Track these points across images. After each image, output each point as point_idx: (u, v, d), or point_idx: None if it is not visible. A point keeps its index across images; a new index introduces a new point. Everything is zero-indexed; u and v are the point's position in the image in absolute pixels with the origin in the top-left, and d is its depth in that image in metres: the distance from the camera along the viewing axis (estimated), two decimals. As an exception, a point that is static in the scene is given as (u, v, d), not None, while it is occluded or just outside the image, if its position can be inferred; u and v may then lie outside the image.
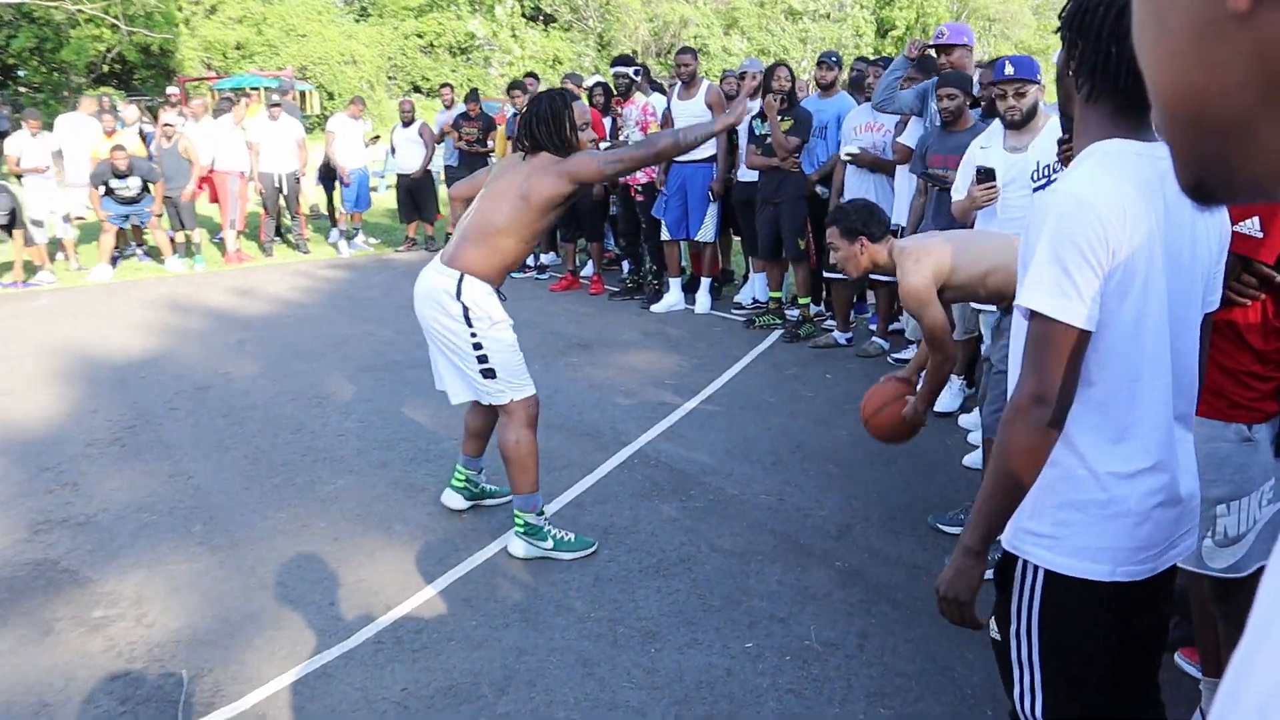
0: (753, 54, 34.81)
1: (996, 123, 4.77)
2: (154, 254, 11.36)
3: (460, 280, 3.84)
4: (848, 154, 6.70)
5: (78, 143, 10.98)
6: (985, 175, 4.56)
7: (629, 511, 4.42)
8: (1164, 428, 1.77)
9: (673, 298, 8.48)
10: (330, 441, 5.34)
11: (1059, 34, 1.76)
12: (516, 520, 4.00)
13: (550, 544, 3.99)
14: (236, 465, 5.01)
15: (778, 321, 7.73)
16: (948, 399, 5.73)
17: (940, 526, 4.18)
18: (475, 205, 3.97)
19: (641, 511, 4.42)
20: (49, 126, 10.97)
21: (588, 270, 9.70)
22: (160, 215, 10.54)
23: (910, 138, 6.37)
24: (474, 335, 3.86)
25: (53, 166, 10.54)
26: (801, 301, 7.51)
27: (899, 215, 6.41)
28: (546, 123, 3.85)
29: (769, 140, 7.22)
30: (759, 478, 4.78)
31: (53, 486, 4.77)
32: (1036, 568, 1.81)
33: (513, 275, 9.80)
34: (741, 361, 6.84)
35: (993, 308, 4.12)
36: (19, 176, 10.53)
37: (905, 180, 6.36)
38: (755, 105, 7.44)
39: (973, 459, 4.87)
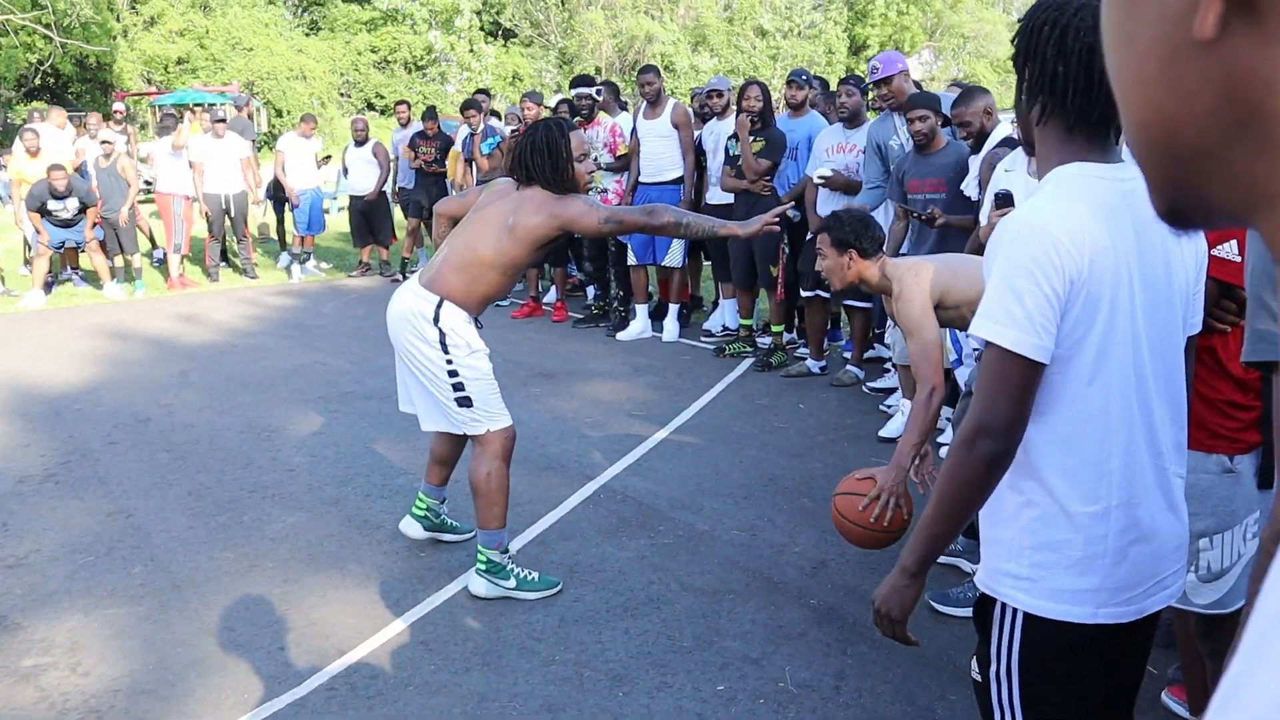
0: (721, 72, 35.16)
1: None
2: (91, 279, 11.27)
3: (439, 305, 3.84)
4: (820, 177, 6.78)
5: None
6: (1004, 200, 4.67)
7: (595, 549, 4.42)
8: (1137, 462, 1.78)
9: (639, 325, 8.52)
10: (280, 477, 5.31)
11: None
12: (479, 557, 3.99)
13: (513, 583, 3.98)
14: (180, 502, 4.97)
15: (749, 349, 7.78)
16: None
17: (935, 605, 3.86)
18: (460, 229, 3.98)
19: (608, 548, 4.42)
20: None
21: (550, 296, 9.73)
22: (94, 239, 10.44)
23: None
24: (450, 362, 3.87)
25: None
26: (774, 329, 7.57)
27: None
28: (542, 154, 3.84)
29: (740, 161, 7.31)
30: (730, 512, 4.80)
31: (-18, 526, 4.71)
32: (1015, 610, 1.83)
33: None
34: (711, 391, 6.88)
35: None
36: None
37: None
38: (730, 125, 7.52)
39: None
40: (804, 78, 7.60)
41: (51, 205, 10.09)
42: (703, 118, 8.38)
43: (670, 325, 8.46)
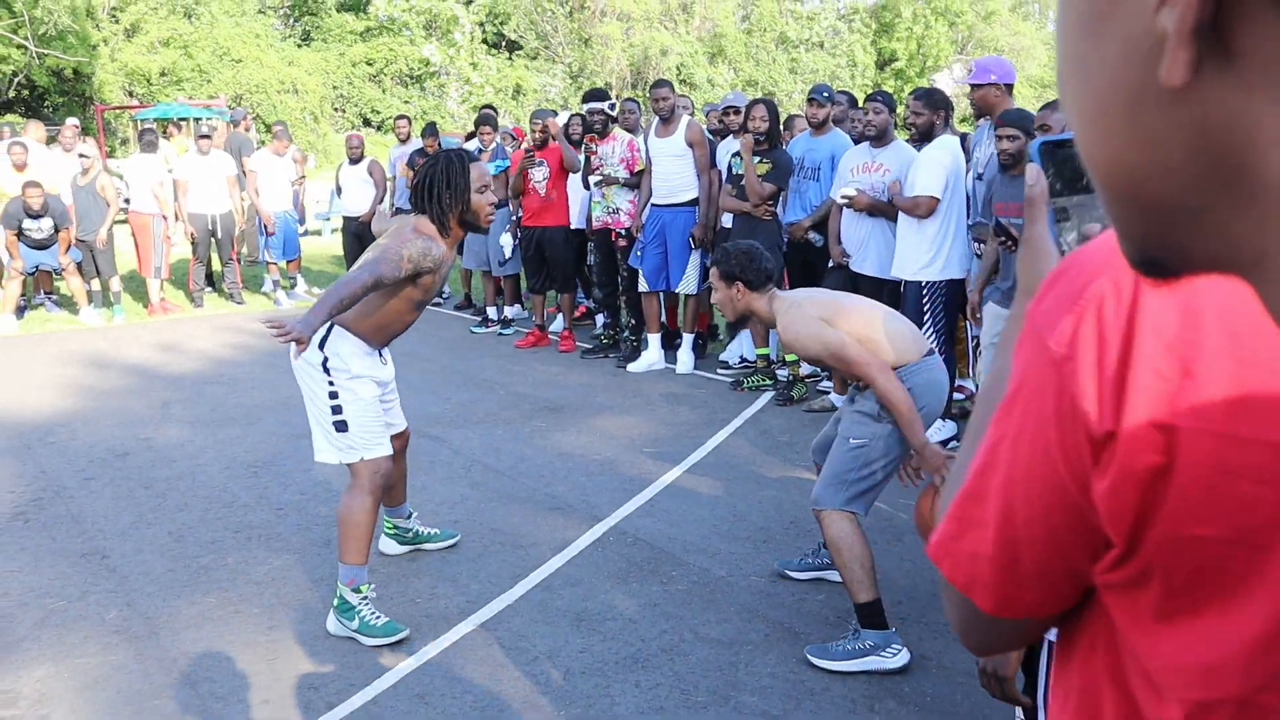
0: (740, 85, 35.38)
1: None
2: (66, 304, 11.34)
3: (329, 330, 4.10)
4: (843, 196, 6.80)
5: None
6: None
7: (603, 595, 4.42)
8: None
9: (652, 356, 8.54)
10: (267, 516, 5.32)
11: None
12: (337, 593, 4.13)
13: (355, 624, 4.08)
14: (159, 543, 4.98)
15: (768, 382, 7.80)
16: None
17: (813, 658, 3.88)
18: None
19: (617, 595, 4.42)
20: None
21: (557, 325, 9.76)
22: (70, 262, 10.49)
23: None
24: (331, 384, 4.10)
25: None
26: (791, 359, 7.58)
27: (902, 264, 6.50)
28: (437, 186, 4.09)
29: (743, 182, 7.35)
30: (749, 557, 4.80)
31: (-52, 567, 4.72)
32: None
33: (474, 330, 9.91)
34: (728, 427, 6.88)
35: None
36: None
37: (910, 225, 6.45)
38: (735, 143, 7.56)
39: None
40: (826, 94, 7.63)
41: (26, 225, 10.15)
42: (719, 135, 8.44)
43: (684, 356, 8.48)
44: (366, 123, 36.11)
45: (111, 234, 10.85)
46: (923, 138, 6.54)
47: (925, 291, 6.38)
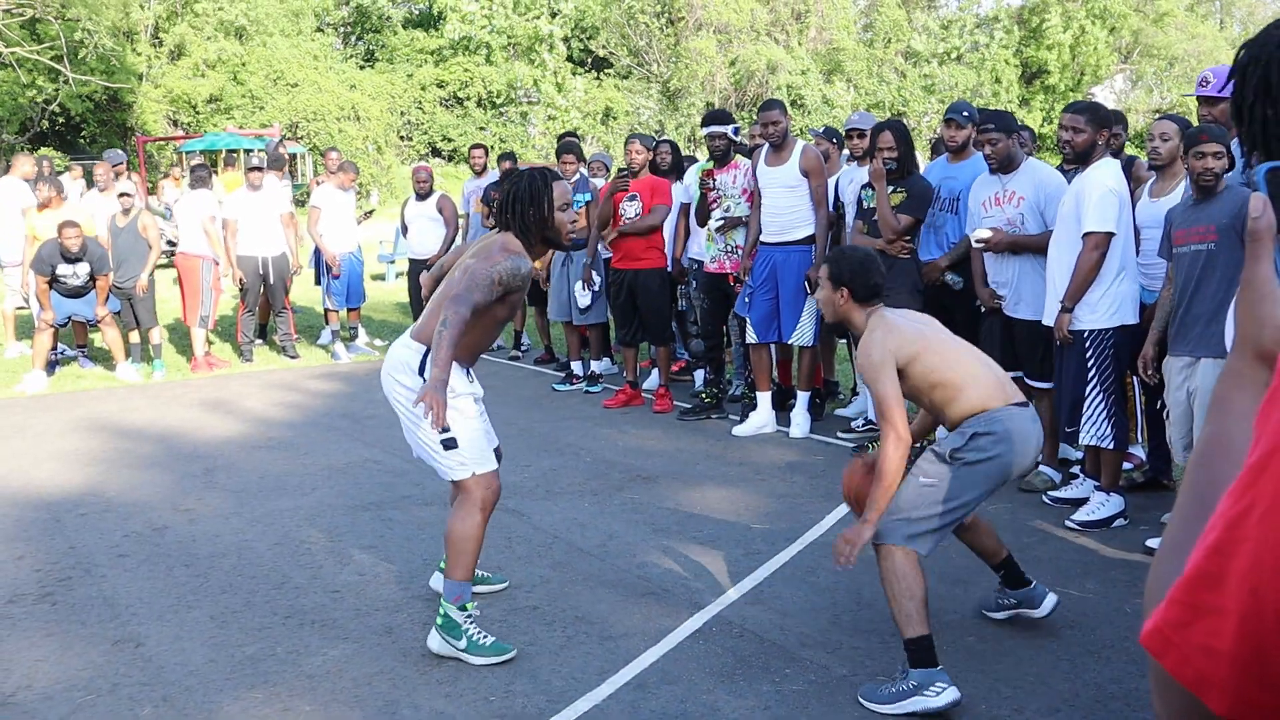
0: (863, 106, 35.37)
1: None
2: (101, 357, 11.65)
3: (425, 355, 4.63)
4: (978, 240, 6.73)
5: (6, 214, 11.37)
6: None
7: (705, 695, 4.38)
8: None
9: (762, 417, 8.51)
10: (321, 600, 5.38)
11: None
12: (441, 609, 4.65)
13: (464, 644, 4.60)
14: (200, 629, 5.06)
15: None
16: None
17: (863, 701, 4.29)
18: (445, 279, 4.79)
19: (722, 695, 4.38)
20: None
21: (651, 382, 9.79)
22: (108, 313, 10.75)
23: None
24: None
25: None
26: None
27: (1055, 303, 6.35)
28: (522, 201, 4.74)
29: (876, 216, 7.32)
30: (876, 653, 4.72)
31: (-33, 654, 4.84)
32: None
33: (556, 388, 9.99)
34: (852, 500, 6.81)
35: None
36: None
37: (1061, 262, 6.33)
38: (862, 172, 7.55)
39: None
40: (966, 113, 7.56)
41: (60, 270, 10.46)
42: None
43: (799, 417, 8.43)
44: (436, 153, 36.70)
45: (153, 280, 11.14)
46: (1079, 160, 6.40)
47: (1090, 341, 6.23)
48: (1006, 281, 6.82)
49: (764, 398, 8.55)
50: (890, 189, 7.32)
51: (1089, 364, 6.23)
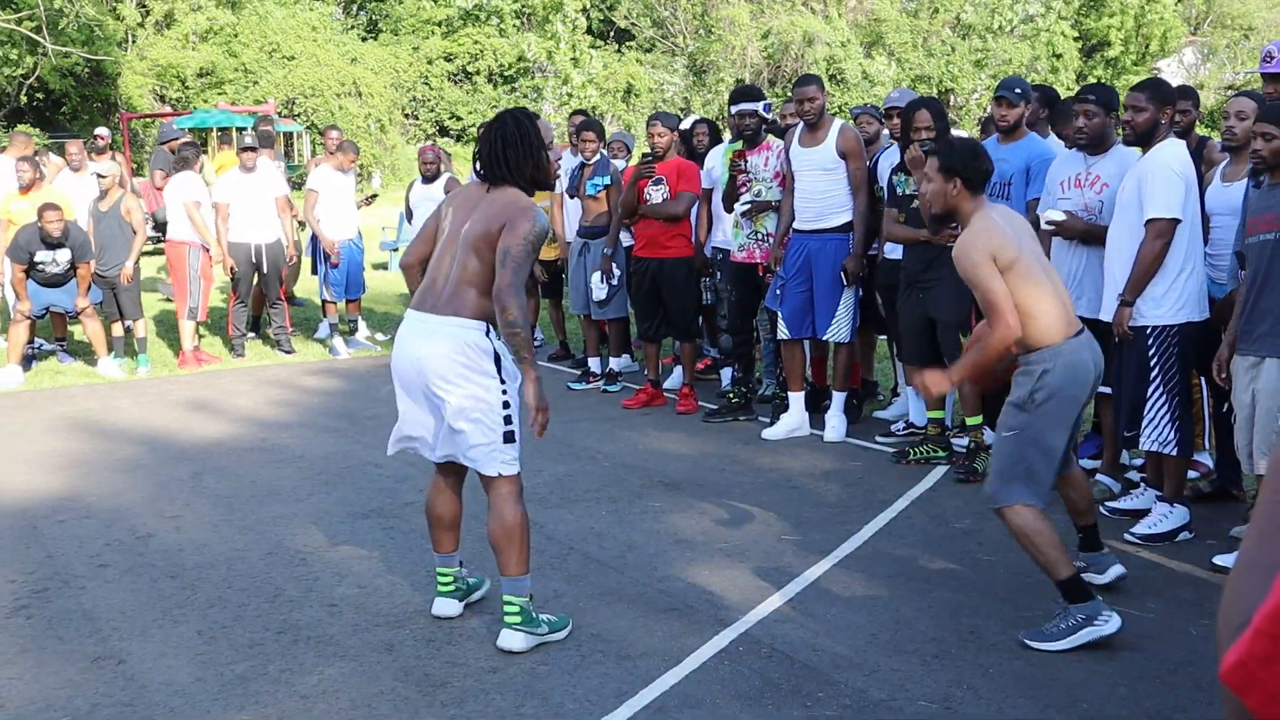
0: (905, 82, 35.28)
1: None
2: (81, 351, 11.70)
3: (488, 333, 4.80)
4: (1048, 221, 6.65)
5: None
6: None
7: (731, 721, 4.39)
8: None
9: (794, 420, 8.50)
10: (317, 614, 5.41)
11: None
12: (510, 609, 4.86)
13: (545, 629, 4.94)
14: (186, 646, 5.09)
15: (940, 453, 7.69)
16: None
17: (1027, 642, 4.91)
18: (450, 250, 4.89)
19: (749, 722, 4.39)
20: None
21: (675, 381, 9.78)
22: (89, 305, 10.79)
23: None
24: (504, 391, 4.81)
25: None
26: (970, 423, 7.48)
27: (1114, 297, 6.32)
28: (516, 146, 4.83)
29: (916, 204, 7.29)
30: (916, 676, 4.72)
31: (-63, 670, 4.88)
32: None
33: (572, 386, 10.01)
34: (890, 510, 6.82)
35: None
36: None
37: (1120, 254, 6.29)
38: (895, 154, 7.53)
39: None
40: (1018, 90, 7.54)
41: (40, 256, 10.49)
42: (872, 144, 8.43)
43: (835, 420, 8.43)
44: (444, 132, 36.71)
45: (138, 269, 11.19)
46: (1140, 141, 6.38)
47: (1153, 338, 6.20)
48: (1070, 273, 6.71)
49: (796, 398, 8.54)
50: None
51: (1151, 363, 6.19)
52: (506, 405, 4.80)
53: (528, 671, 4.77)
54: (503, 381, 4.80)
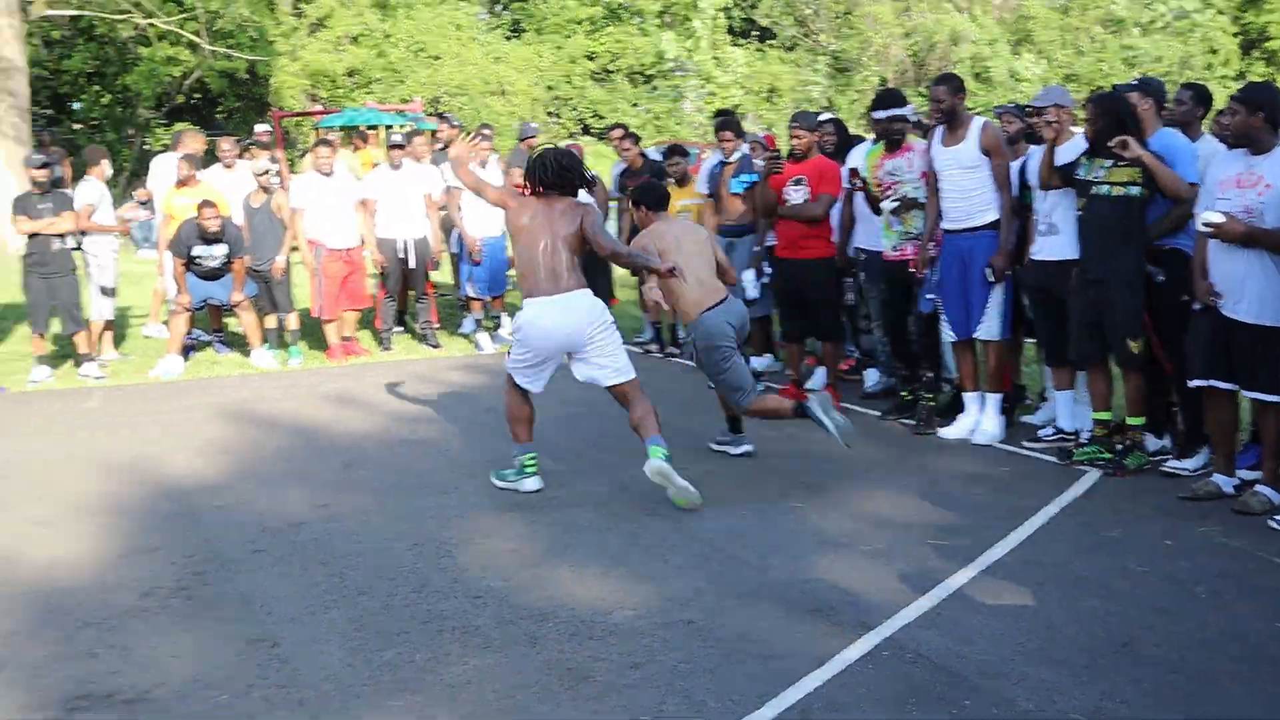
0: (1055, 80, 34.62)
1: None
2: (236, 342, 11.99)
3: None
4: (1205, 224, 6.47)
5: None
6: None
7: (876, 725, 4.35)
8: None
9: (971, 419, 8.41)
10: (463, 605, 5.47)
11: None
12: (663, 455, 6.68)
13: (673, 491, 6.76)
14: (337, 632, 5.19)
15: (1106, 455, 7.50)
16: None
17: None
18: (539, 243, 6.79)
19: (894, 726, 4.35)
20: (121, 171, 11.87)
21: (818, 380, 9.72)
22: (245, 298, 11.12)
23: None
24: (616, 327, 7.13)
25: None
26: (1131, 422, 7.31)
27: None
28: (570, 167, 6.88)
29: (1096, 189, 7.12)
30: (1065, 686, 4.63)
31: (96, 649, 5.03)
32: None
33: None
34: (1040, 515, 6.69)
35: None
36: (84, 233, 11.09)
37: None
38: (1080, 140, 7.38)
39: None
40: (1153, 87, 7.50)
41: (198, 251, 10.82)
42: (1015, 143, 8.30)
43: (990, 422, 8.30)
44: (586, 130, 36.87)
45: (289, 263, 11.48)
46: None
47: None
48: (1235, 278, 6.53)
49: (971, 398, 8.44)
50: (1110, 164, 7.10)
51: None
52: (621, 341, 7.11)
53: (669, 669, 4.77)
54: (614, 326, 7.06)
